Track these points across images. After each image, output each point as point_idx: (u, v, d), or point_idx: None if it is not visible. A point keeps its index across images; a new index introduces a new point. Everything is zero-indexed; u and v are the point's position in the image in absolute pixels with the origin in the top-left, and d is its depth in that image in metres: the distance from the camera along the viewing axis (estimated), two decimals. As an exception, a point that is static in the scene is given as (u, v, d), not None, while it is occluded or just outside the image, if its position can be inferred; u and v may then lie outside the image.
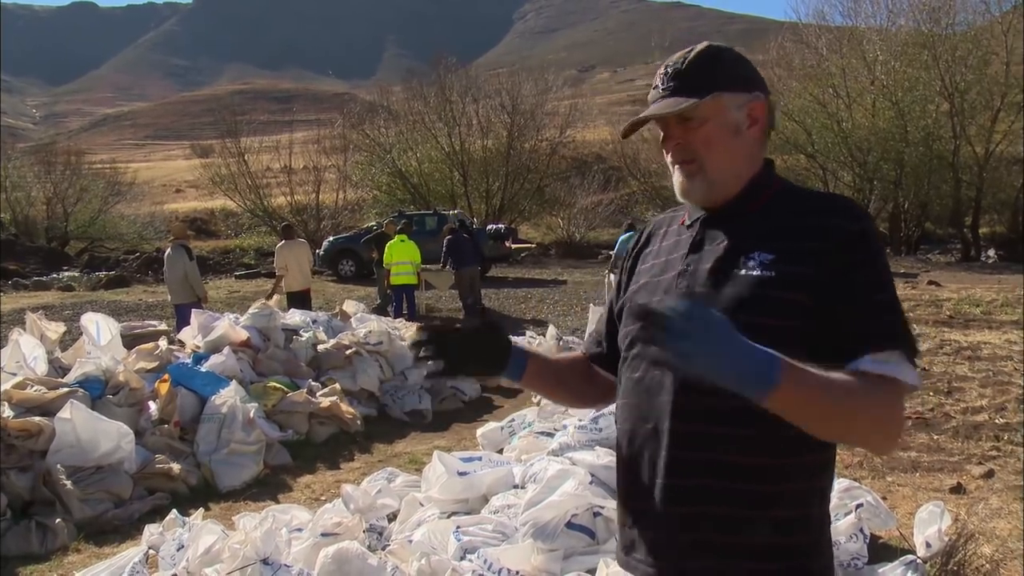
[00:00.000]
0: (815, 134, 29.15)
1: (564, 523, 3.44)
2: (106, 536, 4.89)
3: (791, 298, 1.45)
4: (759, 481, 1.46)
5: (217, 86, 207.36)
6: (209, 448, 5.94)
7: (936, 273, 20.53)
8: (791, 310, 1.44)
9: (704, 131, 1.56)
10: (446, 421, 7.85)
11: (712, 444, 1.47)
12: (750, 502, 1.46)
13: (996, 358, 8.88)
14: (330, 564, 3.33)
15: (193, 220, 38.68)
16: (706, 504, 1.47)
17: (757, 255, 1.50)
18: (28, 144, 79.17)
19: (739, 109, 1.58)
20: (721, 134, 1.57)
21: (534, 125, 34.57)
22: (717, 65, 1.58)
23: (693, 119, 1.55)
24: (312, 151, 35.71)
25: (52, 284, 22.49)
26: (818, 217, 1.50)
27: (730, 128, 1.57)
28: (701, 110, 1.54)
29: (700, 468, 1.48)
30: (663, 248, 1.70)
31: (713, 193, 1.59)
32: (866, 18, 31.32)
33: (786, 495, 1.48)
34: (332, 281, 21.34)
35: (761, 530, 1.47)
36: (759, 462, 1.46)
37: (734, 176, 1.59)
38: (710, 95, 1.53)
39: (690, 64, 1.57)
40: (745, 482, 1.46)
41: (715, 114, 1.55)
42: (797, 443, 1.43)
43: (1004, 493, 4.87)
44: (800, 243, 1.48)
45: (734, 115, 1.57)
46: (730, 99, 1.56)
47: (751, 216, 1.57)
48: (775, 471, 1.47)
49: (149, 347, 7.20)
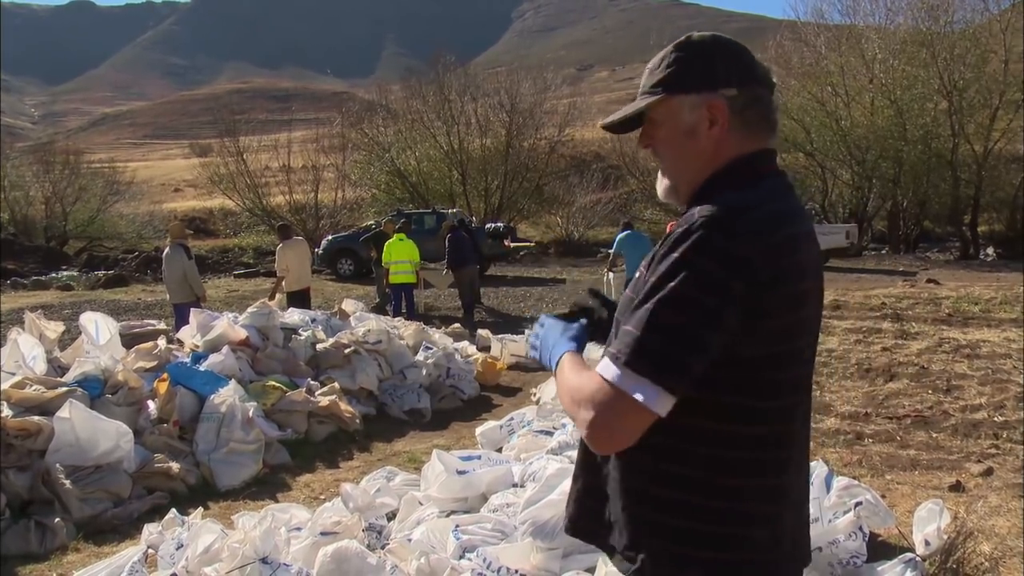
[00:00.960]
0: (814, 132, 29.17)
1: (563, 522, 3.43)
2: (105, 535, 4.89)
3: (634, 304, 1.48)
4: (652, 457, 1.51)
5: (216, 85, 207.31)
6: (208, 447, 5.94)
7: (935, 271, 20.55)
8: (632, 315, 1.47)
9: (660, 133, 1.58)
10: (445, 420, 7.85)
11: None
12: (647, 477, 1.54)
13: (995, 356, 8.88)
14: (329, 563, 3.33)
15: (192, 219, 38.65)
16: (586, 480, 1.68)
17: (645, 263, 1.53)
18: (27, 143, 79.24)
19: (693, 110, 1.54)
20: (673, 136, 1.57)
21: (533, 124, 34.57)
22: (676, 64, 1.55)
23: (653, 120, 1.58)
24: (311, 150, 35.68)
25: (51, 283, 22.49)
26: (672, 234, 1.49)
27: (683, 130, 1.55)
28: (659, 112, 1.55)
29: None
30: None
31: (674, 195, 1.61)
32: (865, 16, 31.39)
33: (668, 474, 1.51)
34: (331, 280, 21.34)
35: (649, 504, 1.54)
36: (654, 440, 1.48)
37: (688, 179, 1.58)
38: (655, 98, 1.56)
39: (655, 65, 1.59)
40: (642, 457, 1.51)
41: (668, 117, 1.56)
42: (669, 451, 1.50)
43: (1003, 491, 4.87)
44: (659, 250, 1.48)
45: (687, 117, 1.55)
46: (682, 101, 1.55)
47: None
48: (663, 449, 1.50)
49: (148, 346, 7.20)
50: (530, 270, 24.25)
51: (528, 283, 20.26)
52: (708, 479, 1.48)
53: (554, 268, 25.05)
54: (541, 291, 18.37)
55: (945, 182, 28.51)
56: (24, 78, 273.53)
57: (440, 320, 13.18)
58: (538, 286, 19.51)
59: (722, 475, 1.48)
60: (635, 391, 1.38)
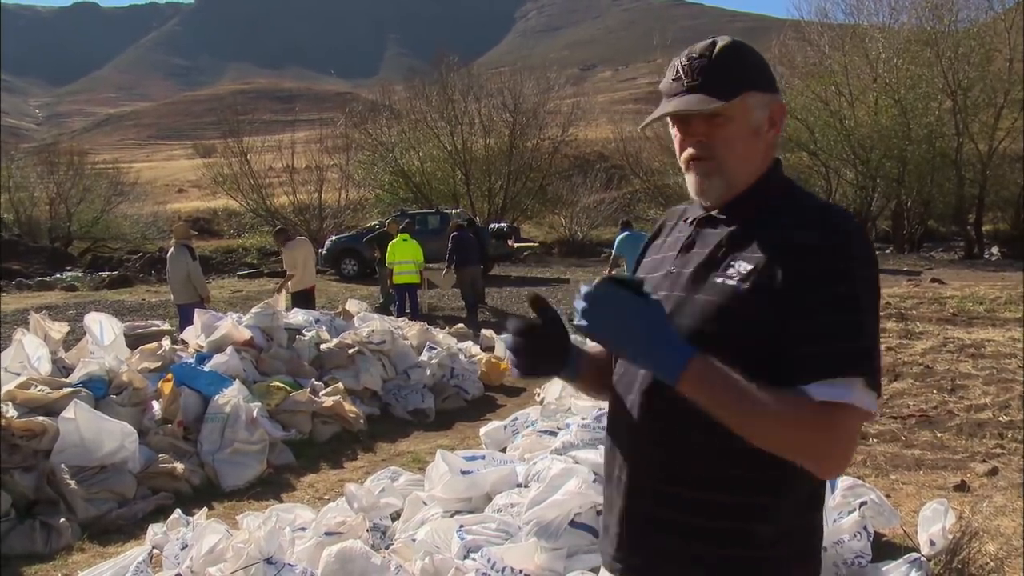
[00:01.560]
0: (818, 132, 29.12)
1: (567, 522, 3.44)
2: (110, 536, 4.89)
3: (758, 312, 1.42)
4: (713, 466, 1.48)
5: (219, 86, 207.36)
6: (212, 448, 5.94)
7: (939, 271, 20.51)
8: (758, 325, 1.42)
9: (727, 130, 1.52)
10: (449, 420, 7.85)
11: (668, 445, 1.51)
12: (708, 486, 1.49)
13: (1000, 356, 8.86)
14: (334, 563, 3.33)
15: (196, 220, 38.72)
16: (657, 504, 1.52)
17: (737, 264, 1.48)
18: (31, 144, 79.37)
19: (762, 110, 1.55)
20: (743, 135, 1.53)
21: (536, 124, 34.54)
22: (745, 62, 1.54)
23: (719, 116, 1.51)
24: (314, 150, 35.68)
25: (55, 284, 22.51)
26: (803, 229, 1.46)
27: (752, 129, 1.54)
28: (731, 107, 1.50)
29: (654, 468, 1.53)
30: (667, 243, 1.70)
31: (728, 194, 1.55)
32: (868, 15, 31.32)
33: (735, 481, 1.48)
34: (335, 280, 21.34)
35: (708, 540, 1.49)
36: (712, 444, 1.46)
37: (748, 174, 1.55)
38: (739, 95, 1.50)
39: (718, 58, 1.52)
40: (693, 487, 1.49)
41: (741, 114, 1.52)
42: (753, 456, 1.43)
43: (1008, 491, 4.86)
44: (779, 256, 1.44)
45: (757, 116, 1.54)
46: (756, 99, 1.53)
47: (745, 222, 1.53)
48: (725, 455, 1.46)
49: (152, 347, 7.20)
50: (534, 270, 24.25)
51: (532, 283, 20.25)
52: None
53: (558, 268, 25.03)
54: (545, 291, 18.34)
55: (949, 181, 28.45)
56: (28, 79, 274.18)
57: (444, 320, 13.19)
58: (542, 286, 19.49)
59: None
60: (870, 405, 1.40)
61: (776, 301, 1.41)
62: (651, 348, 1.39)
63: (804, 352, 1.39)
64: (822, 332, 1.39)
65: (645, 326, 1.39)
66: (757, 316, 1.42)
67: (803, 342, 1.39)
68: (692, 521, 1.49)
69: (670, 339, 1.39)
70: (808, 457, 1.40)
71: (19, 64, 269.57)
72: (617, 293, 1.41)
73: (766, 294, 1.42)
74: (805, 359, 1.38)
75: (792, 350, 1.40)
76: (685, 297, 1.52)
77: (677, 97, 1.53)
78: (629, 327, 1.40)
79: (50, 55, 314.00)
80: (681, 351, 1.38)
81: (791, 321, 1.40)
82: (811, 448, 1.39)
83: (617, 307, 1.40)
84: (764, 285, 1.43)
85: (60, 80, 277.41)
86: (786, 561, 1.51)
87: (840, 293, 1.40)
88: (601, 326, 1.41)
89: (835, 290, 1.40)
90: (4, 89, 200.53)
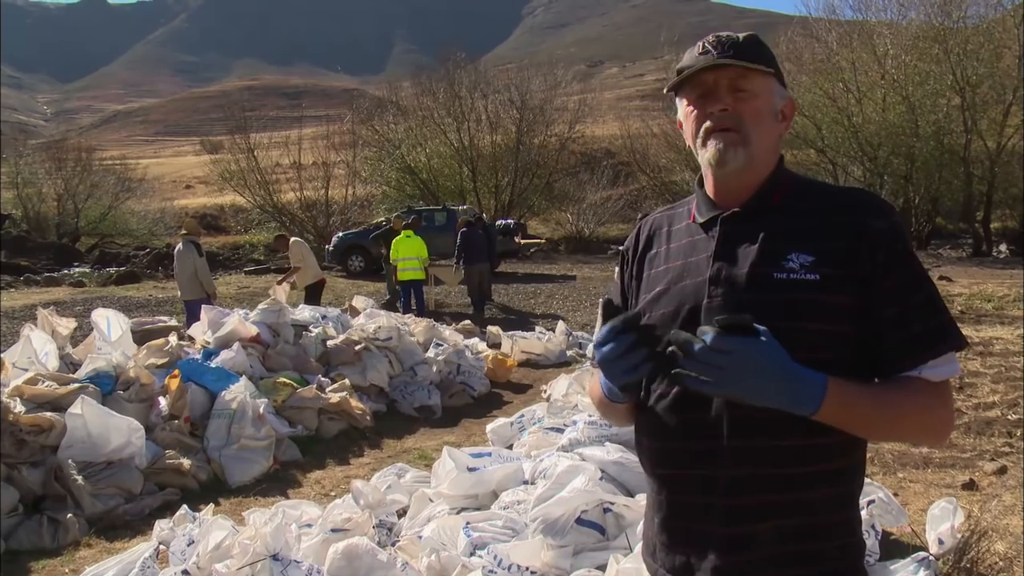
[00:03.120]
0: (825, 129, 29.01)
1: (574, 519, 3.43)
2: (117, 531, 4.91)
3: (836, 301, 1.42)
4: (814, 486, 1.45)
5: (226, 82, 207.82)
6: (219, 443, 5.96)
7: (947, 268, 20.42)
8: (837, 314, 1.42)
9: (756, 104, 1.51)
10: (455, 417, 7.85)
11: (770, 457, 1.43)
12: (811, 509, 1.45)
13: (1008, 354, 8.83)
14: (340, 560, 3.33)
15: (203, 216, 38.76)
16: (772, 518, 1.44)
17: (796, 256, 1.45)
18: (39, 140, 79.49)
19: (780, 99, 1.57)
20: (768, 112, 1.54)
21: (543, 120, 34.47)
22: (767, 51, 1.55)
23: (746, 90, 1.50)
24: (321, 147, 35.65)
25: (63, 280, 22.56)
26: (847, 215, 1.47)
27: (773, 111, 1.55)
28: (756, 83, 1.51)
29: (763, 483, 1.44)
30: (675, 250, 1.61)
31: (748, 169, 1.52)
32: (876, 12, 31.16)
33: (835, 497, 1.48)
34: (341, 277, 21.36)
35: (822, 536, 1.47)
36: (811, 469, 1.44)
37: (765, 161, 1.54)
38: (771, 70, 1.52)
39: (745, 41, 1.53)
40: (802, 490, 1.44)
41: (765, 91, 1.53)
42: (842, 447, 1.45)
43: (1017, 489, 4.84)
44: (834, 243, 1.44)
45: (776, 102, 1.55)
46: (776, 86, 1.55)
47: (774, 213, 1.51)
48: (826, 475, 1.46)
49: (159, 343, 7.22)
50: (540, 267, 24.23)
51: (539, 280, 20.24)
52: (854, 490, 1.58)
53: (564, 265, 25.02)
54: (552, 288, 18.36)
55: (957, 178, 28.32)
56: (36, 75, 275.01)
57: (451, 317, 13.19)
58: (548, 283, 19.49)
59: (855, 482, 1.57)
60: (959, 369, 1.48)
61: (851, 288, 1.43)
62: (785, 385, 1.33)
63: (902, 336, 1.42)
64: (913, 314, 1.43)
65: (778, 366, 1.32)
66: (835, 305, 1.43)
67: (896, 327, 1.42)
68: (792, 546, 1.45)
69: (800, 371, 1.33)
70: (934, 435, 1.54)
71: (28, 60, 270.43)
72: (748, 345, 1.30)
73: (839, 283, 1.43)
74: (907, 343, 1.42)
75: (887, 335, 1.42)
76: (748, 299, 1.45)
77: (717, 62, 1.51)
78: (763, 373, 1.31)
79: (58, 52, 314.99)
80: (814, 379, 1.34)
81: (876, 307, 1.43)
82: (939, 426, 1.48)
83: (747, 358, 1.30)
84: (833, 274, 1.43)
85: (68, 76, 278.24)
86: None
87: (913, 273, 1.45)
88: (732, 381, 1.30)
89: (909, 271, 1.45)
90: (12, 86, 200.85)
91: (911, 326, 1.42)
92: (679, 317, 1.49)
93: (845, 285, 1.42)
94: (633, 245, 1.70)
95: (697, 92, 1.53)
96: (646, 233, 1.69)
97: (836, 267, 1.43)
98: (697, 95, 1.53)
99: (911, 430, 1.51)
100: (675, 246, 1.61)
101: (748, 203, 1.54)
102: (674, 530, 1.53)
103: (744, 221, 1.52)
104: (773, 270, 1.45)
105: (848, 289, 1.42)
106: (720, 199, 1.57)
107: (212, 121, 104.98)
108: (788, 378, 1.32)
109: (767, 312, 1.39)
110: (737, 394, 1.32)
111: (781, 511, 1.43)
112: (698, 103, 1.53)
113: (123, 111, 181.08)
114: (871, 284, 1.42)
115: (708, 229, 1.57)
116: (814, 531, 1.45)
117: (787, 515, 1.43)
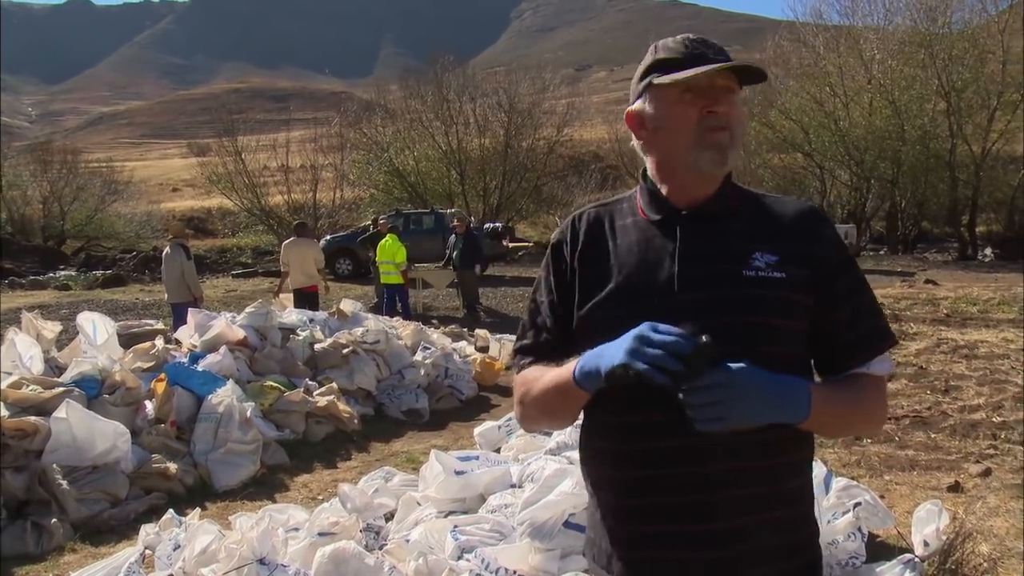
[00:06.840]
0: (812, 133, 29.18)
1: (561, 522, 3.43)
2: (102, 536, 4.87)
3: (799, 299, 1.49)
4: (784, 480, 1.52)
5: (213, 84, 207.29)
6: (206, 448, 5.92)
7: (933, 272, 20.54)
8: (799, 311, 1.49)
9: (740, 109, 1.53)
10: (443, 420, 7.84)
11: (741, 452, 1.43)
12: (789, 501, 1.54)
13: (993, 356, 8.88)
14: (327, 564, 3.32)
15: (190, 219, 38.66)
16: (761, 512, 1.47)
17: (761, 256, 1.48)
18: (24, 143, 79.08)
19: (743, 106, 1.59)
20: (742, 119, 1.57)
21: (531, 124, 34.51)
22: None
23: (734, 95, 1.52)
24: (309, 150, 35.60)
25: (48, 283, 22.45)
26: (801, 220, 1.55)
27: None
28: (737, 90, 1.54)
29: (753, 476, 1.47)
30: (624, 247, 1.56)
31: (724, 168, 1.54)
32: (863, 17, 31.41)
33: (800, 491, 1.56)
34: (330, 280, 21.28)
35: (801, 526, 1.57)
36: (781, 461, 1.51)
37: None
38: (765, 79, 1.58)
39: (721, 47, 1.55)
40: (776, 484, 1.51)
41: (740, 101, 1.55)
42: (800, 441, 1.53)
43: (1002, 491, 4.87)
44: (794, 245, 1.51)
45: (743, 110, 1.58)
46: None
47: (732, 216, 1.54)
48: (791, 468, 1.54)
49: (146, 346, 7.18)
50: (528, 270, 24.21)
51: (527, 283, 20.21)
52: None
53: (552, 268, 24.97)
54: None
55: (943, 183, 28.54)
56: (22, 77, 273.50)
57: (438, 320, 13.17)
58: (536, 286, 19.45)
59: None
60: (892, 367, 1.61)
61: (811, 288, 1.49)
62: (781, 399, 1.37)
63: (854, 335, 1.52)
64: (861, 315, 1.53)
65: (768, 383, 1.35)
66: (798, 303, 1.49)
67: (849, 327, 1.52)
68: (777, 539, 1.51)
69: (785, 381, 1.39)
70: (877, 426, 1.69)
71: (13, 61, 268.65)
72: (737, 372, 1.31)
73: (802, 282, 1.49)
74: (858, 341, 1.52)
75: (842, 334, 1.52)
76: (717, 296, 1.45)
77: (715, 63, 1.47)
78: (759, 394, 1.34)
79: (44, 53, 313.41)
80: (799, 385, 1.42)
81: (830, 307, 1.51)
82: (882, 417, 1.63)
83: (742, 384, 1.32)
84: (798, 274, 1.49)
85: (54, 78, 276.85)
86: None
87: (859, 277, 1.56)
88: (739, 414, 1.32)
89: (855, 275, 1.55)
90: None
91: (861, 326, 1.52)
92: (637, 315, 1.39)
93: (807, 284, 1.49)
94: (571, 239, 1.62)
95: (695, 90, 1.49)
96: (584, 227, 1.62)
97: (799, 267, 1.49)
98: (695, 93, 1.49)
99: (861, 423, 1.63)
100: (624, 243, 1.56)
101: (708, 204, 1.54)
102: (651, 534, 1.49)
103: (704, 221, 1.53)
104: (742, 268, 1.48)
105: (809, 288, 1.49)
106: (677, 198, 1.55)
107: (199, 124, 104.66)
108: (780, 391, 1.38)
109: (739, 308, 1.45)
110: (746, 422, 1.33)
111: (766, 504, 1.48)
112: (696, 99, 1.49)
113: (109, 113, 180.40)
114: (828, 285, 1.51)
115: (663, 227, 1.54)
116: (793, 518, 1.54)
117: (770, 508, 1.49)
